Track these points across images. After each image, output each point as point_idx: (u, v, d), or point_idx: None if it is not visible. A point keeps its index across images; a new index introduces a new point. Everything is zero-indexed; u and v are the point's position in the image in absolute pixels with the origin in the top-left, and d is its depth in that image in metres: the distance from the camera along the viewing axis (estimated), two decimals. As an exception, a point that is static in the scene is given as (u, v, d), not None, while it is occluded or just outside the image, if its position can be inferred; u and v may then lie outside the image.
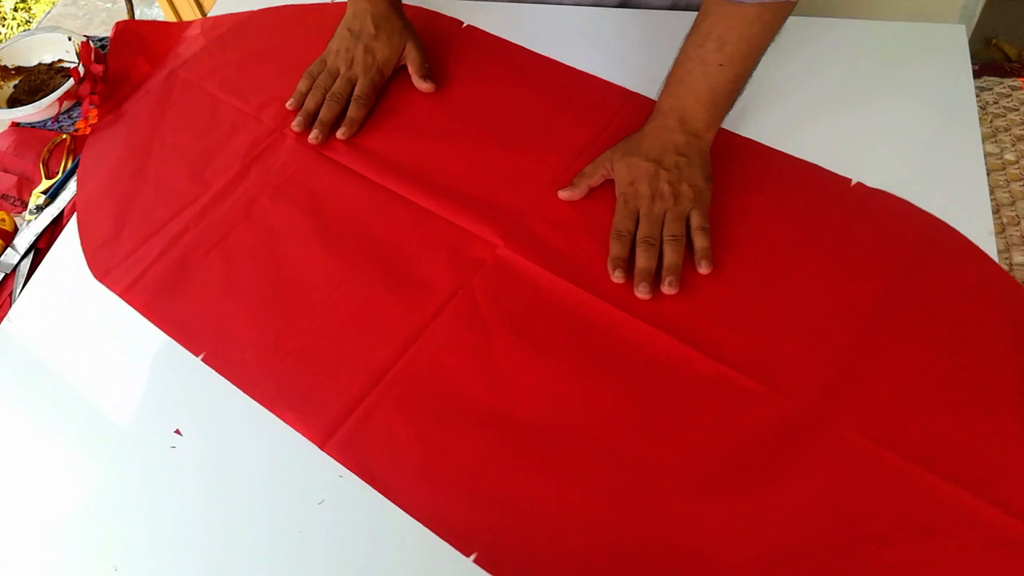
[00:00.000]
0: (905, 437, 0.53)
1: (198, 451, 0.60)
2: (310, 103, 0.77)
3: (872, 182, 0.65)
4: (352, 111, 0.76)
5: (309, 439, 0.59)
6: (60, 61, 0.93)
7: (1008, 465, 0.51)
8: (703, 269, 0.61)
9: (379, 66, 0.77)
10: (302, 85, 0.79)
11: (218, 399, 0.62)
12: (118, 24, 0.89)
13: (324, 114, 0.76)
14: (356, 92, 0.77)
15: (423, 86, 0.78)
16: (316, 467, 0.57)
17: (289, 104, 0.79)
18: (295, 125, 0.76)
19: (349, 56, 0.78)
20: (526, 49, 0.81)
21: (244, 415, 0.61)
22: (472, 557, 0.52)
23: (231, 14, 0.91)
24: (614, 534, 0.52)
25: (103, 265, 0.72)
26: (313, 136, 0.75)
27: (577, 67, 0.79)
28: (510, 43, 0.82)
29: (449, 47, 0.83)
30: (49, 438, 0.63)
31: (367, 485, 0.56)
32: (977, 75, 0.74)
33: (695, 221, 0.62)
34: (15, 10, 2.10)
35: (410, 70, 0.79)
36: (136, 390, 0.64)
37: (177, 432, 0.61)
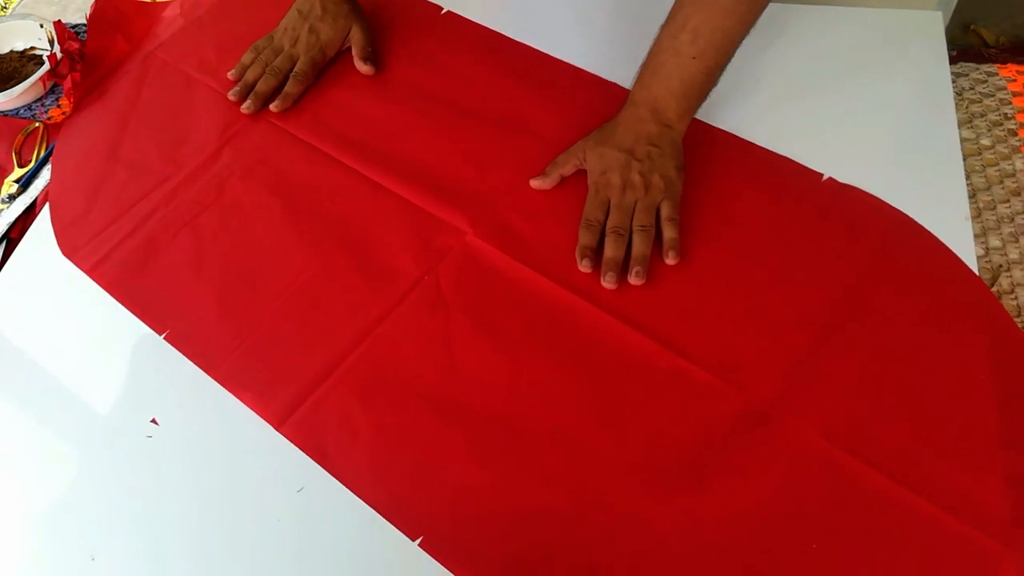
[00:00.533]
0: (860, 438, 0.52)
1: (175, 439, 0.59)
2: (250, 75, 0.79)
3: (848, 167, 0.64)
4: (289, 86, 0.78)
5: (266, 420, 0.58)
6: (32, 48, 0.93)
7: (962, 469, 0.50)
8: (670, 260, 0.61)
9: (322, 46, 0.79)
10: (246, 58, 0.81)
11: (192, 387, 0.61)
12: (98, 1, 0.89)
13: (261, 86, 0.78)
14: (296, 69, 0.78)
15: (363, 68, 0.79)
16: (295, 454, 0.57)
17: (230, 74, 0.80)
18: (232, 94, 0.78)
19: (295, 35, 0.80)
20: (504, 36, 0.81)
21: (218, 403, 0.60)
22: (417, 541, 0.52)
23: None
24: (563, 524, 0.51)
25: (72, 243, 0.71)
26: (245, 107, 0.77)
27: (555, 55, 0.78)
28: (488, 30, 0.82)
29: (428, 33, 0.83)
30: (25, 428, 0.62)
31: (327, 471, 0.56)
32: (955, 61, 0.73)
33: (665, 212, 0.61)
34: None
35: (353, 52, 0.80)
36: (112, 378, 0.63)
37: (153, 421, 0.60)
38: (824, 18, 0.76)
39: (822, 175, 0.65)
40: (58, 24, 0.87)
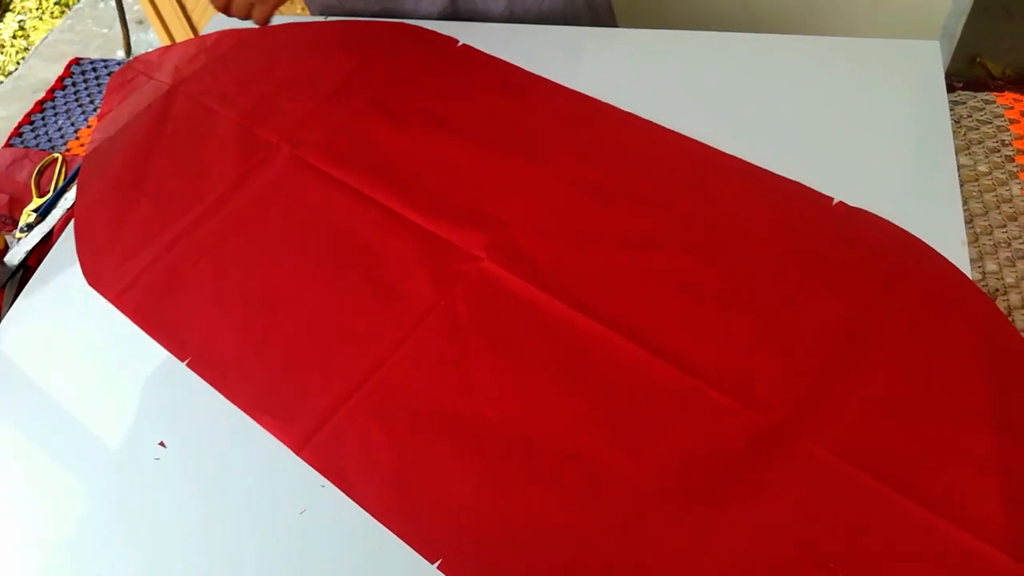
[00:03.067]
0: (877, 457, 0.52)
1: (182, 462, 0.60)
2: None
3: (847, 194, 0.66)
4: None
5: (286, 444, 0.59)
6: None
7: (979, 489, 0.51)
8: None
9: None
10: None
11: (202, 410, 0.63)
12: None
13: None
14: None
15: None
16: (299, 477, 0.58)
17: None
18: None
19: None
20: (520, 68, 0.83)
21: (228, 426, 0.61)
22: (437, 564, 0.53)
23: (232, 31, 0.94)
24: (581, 545, 0.52)
25: (96, 271, 0.73)
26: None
27: (567, 86, 0.80)
28: (504, 62, 0.84)
29: (443, 65, 0.85)
30: (37, 451, 0.63)
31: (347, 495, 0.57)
32: (958, 91, 0.75)
33: None
34: (14, 37, 2.17)
35: None
36: (122, 403, 0.64)
37: (161, 444, 0.62)
38: (825, 47, 0.78)
39: (832, 199, 0.66)
40: None
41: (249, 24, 0.80)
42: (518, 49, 0.84)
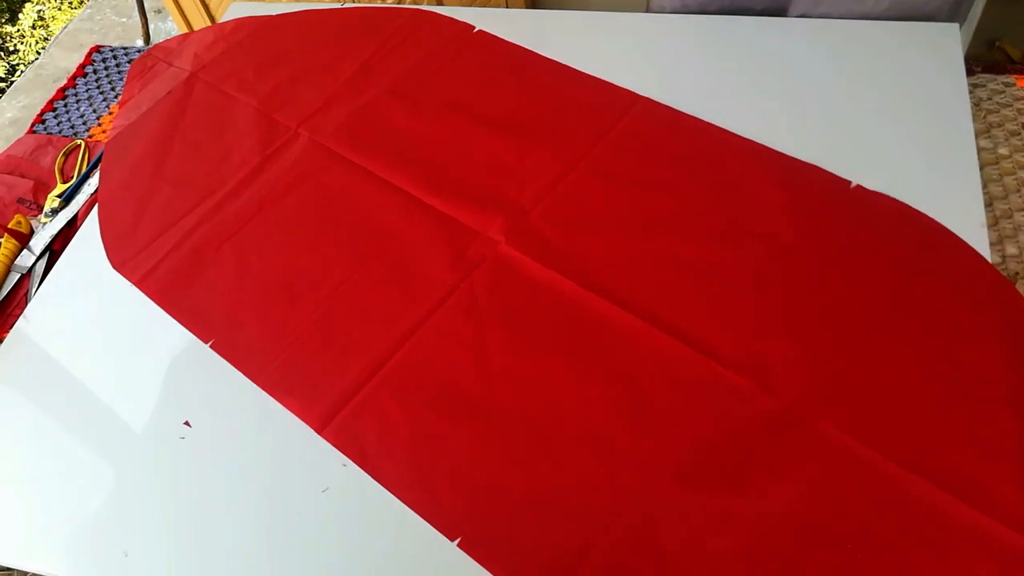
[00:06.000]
0: (895, 440, 0.53)
1: (206, 441, 0.62)
2: None
3: (867, 177, 0.66)
4: None
5: (308, 424, 0.60)
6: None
7: (997, 471, 0.51)
8: None
9: None
10: None
11: (226, 390, 0.64)
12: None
13: None
14: None
15: None
16: (320, 456, 0.59)
17: None
18: None
19: None
20: (535, 53, 0.83)
21: (251, 406, 0.63)
22: (456, 541, 0.54)
23: (251, 17, 0.95)
24: (599, 525, 0.53)
25: (120, 255, 0.75)
26: None
27: (584, 71, 0.80)
28: (519, 47, 0.84)
29: (460, 50, 0.86)
30: (62, 431, 0.65)
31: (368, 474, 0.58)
32: (978, 74, 0.74)
33: None
34: (33, 27, 2.19)
35: None
36: (147, 384, 0.66)
37: (186, 423, 0.63)
38: (844, 30, 0.78)
39: (850, 182, 0.66)
40: None
41: (266, 10, 0.79)
42: (533, 35, 0.85)
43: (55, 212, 0.87)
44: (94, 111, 0.98)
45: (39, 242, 0.83)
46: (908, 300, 0.59)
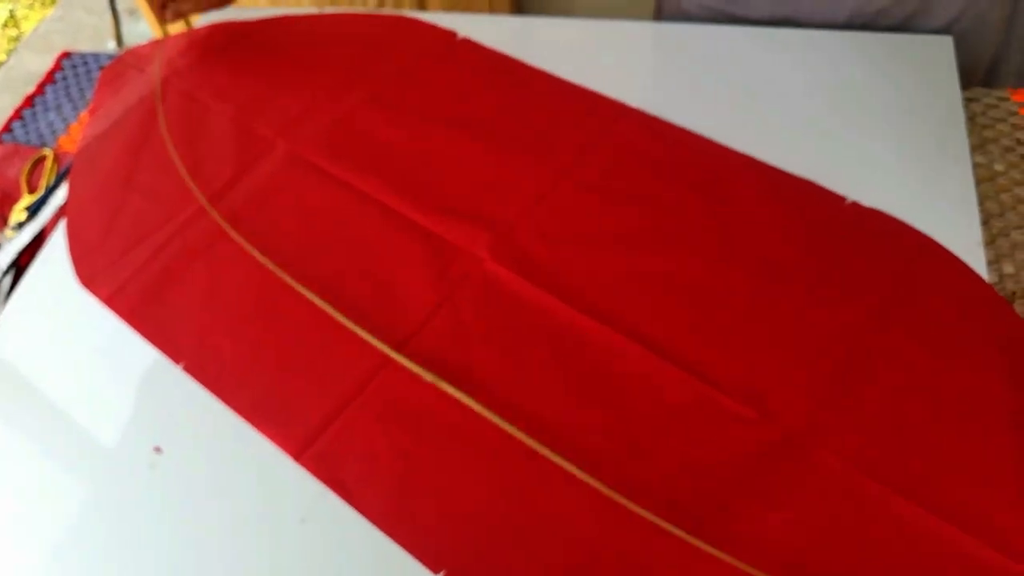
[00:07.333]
0: (894, 468, 0.51)
1: (178, 468, 0.59)
2: None
3: (860, 193, 0.65)
4: None
5: (285, 451, 0.58)
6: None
7: (996, 497, 0.50)
8: None
9: None
10: None
11: (199, 414, 0.61)
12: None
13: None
14: None
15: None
16: (298, 484, 0.57)
17: None
18: None
19: None
20: (519, 61, 0.81)
21: (225, 431, 0.60)
22: (441, 574, 0.52)
23: (227, 23, 0.92)
24: (590, 555, 0.51)
25: (89, 272, 0.71)
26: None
27: (572, 81, 0.78)
28: (503, 55, 0.82)
29: (443, 59, 0.83)
30: (28, 455, 0.62)
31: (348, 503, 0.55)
32: (972, 87, 0.73)
33: None
34: (4, 26, 2.15)
35: None
36: (118, 406, 0.63)
37: (157, 449, 0.60)
38: (837, 43, 0.77)
39: (845, 198, 0.65)
40: None
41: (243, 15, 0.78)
42: (518, 42, 0.83)
43: (21, 226, 0.83)
44: (63, 119, 0.94)
45: (4, 257, 0.80)
46: (903, 321, 0.58)
